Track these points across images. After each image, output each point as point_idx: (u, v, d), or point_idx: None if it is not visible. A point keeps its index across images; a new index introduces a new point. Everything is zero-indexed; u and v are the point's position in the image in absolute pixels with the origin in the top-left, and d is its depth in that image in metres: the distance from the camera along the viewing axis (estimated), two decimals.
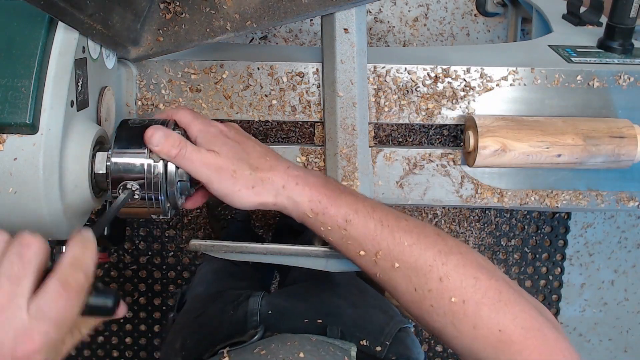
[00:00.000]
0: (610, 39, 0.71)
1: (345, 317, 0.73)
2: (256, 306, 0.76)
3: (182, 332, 0.79)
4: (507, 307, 0.44)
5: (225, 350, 0.61)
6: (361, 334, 0.71)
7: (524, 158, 0.62)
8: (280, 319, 0.73)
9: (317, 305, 0.76)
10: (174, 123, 0.53)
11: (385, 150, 0.69)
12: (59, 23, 0.48)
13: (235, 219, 1.64)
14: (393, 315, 0.77)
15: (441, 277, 0.46)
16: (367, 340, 0.70)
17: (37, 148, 0.47)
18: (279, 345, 0.58)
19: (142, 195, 0.51)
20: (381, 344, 0.71)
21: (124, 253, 1.70)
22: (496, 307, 0.44)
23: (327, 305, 0.76)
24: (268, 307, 0.76)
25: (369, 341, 0.70)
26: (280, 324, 0.71)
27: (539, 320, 0.44)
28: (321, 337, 0.63)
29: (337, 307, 0.76)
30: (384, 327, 0.73)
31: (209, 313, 0.80)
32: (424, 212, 1.70)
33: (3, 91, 0.46)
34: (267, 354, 0.57)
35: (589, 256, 1.74)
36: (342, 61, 0.61)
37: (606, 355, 1.80)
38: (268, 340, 0.63)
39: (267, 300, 0.77)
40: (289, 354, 0.56)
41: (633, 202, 0.70)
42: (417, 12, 1.65)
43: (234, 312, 0.76)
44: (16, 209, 0.48)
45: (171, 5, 0.60)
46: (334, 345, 0.61)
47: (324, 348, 0.59)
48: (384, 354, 0.70)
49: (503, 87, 0.67)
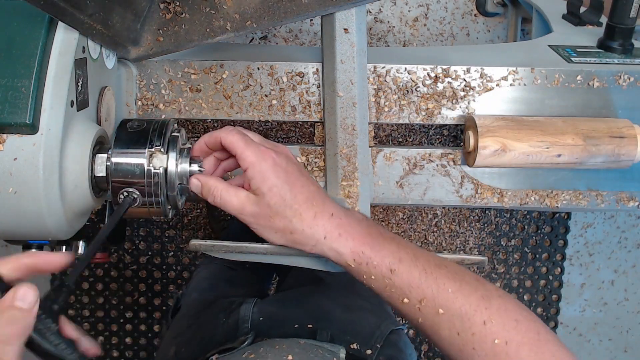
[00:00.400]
0: (610, 39, 0.71)
1: (335, 321, 0.73)
2: (248, 313, 0.76)
3: (175, 339, 0.79)
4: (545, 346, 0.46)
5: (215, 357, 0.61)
6: (352, 337, 0.71)
7: (524, 158, 0.62)
8: (271, 325, 0.73)
9: (307, 310, 0.76)
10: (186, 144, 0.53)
11: (385, 150, 0.69)
12: (59, 23, 0.48)
13: (235, 219, 1.63)
14: (385, 317, 0.77)
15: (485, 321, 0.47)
16: (358, 343, 0.70)
17: (37, 148, 0.47)
18: (268, 349, 0.58)
19: (144, 201, 0.51)
20: (372, 346, 0.71)
21: (124, 253, 1.70)
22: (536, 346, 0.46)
23: (318, 310, 0.76)
24: (260, 314, 0.76)
25: (360, 344, 0.70)
26: (271, 330, 0.71)
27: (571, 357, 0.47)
28: (310, 340, 0.63)
29: (328, 311, 0.76)
30: (374, 330, 0.74)
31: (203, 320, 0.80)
32: (424, 212, 1.70)
33: (3, 91, 0.46)
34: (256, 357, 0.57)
35: (589, 256, 1.74)
36: (342, 61, 0.61)
37: (606, 355, 1.80)
38: (257, 344, 0.63)
39: (259, 307, 0.77)
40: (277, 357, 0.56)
41: (633, 202, 0.70)
42: (417, 12, 1.65)
43: (226, 320, 0.76)
44: (16, 209, 0.48)
45: (171, 5, 0.60)
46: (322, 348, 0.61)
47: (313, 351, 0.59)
48: (375, 357, 0.70)
49: (503, 87, 0.67)
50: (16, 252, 0.45)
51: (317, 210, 0.51)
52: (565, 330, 1.78)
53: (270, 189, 0.50)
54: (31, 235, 0.51)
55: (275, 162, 0.50)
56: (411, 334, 1.76)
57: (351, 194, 0.64)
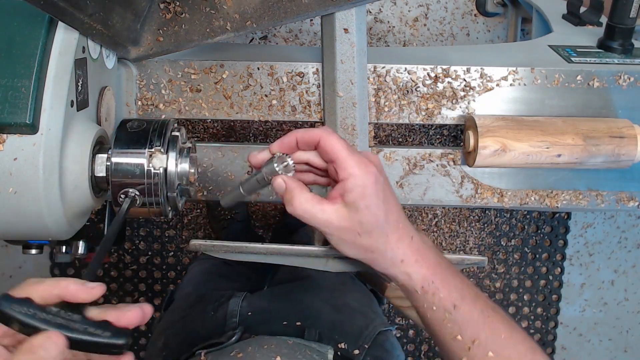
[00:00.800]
0: (610, 39, 0.71)
1: (324, 320, 0.73)
2: (236, 307, 0.75)
3: (165, 331, 0.79)
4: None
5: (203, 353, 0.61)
6: (340, 337, 0.71)
7: (524, 158, 0.62)
8: (260, 320, 0.73)
9: (297, 308, 0.76)
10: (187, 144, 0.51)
11: (385, 150, 0.69)
12: (59, 23, 0.48)
13: (235, 219, 1.64)
14: (374, 318, 0.78)
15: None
16: (346, 343, 0.70)
17: (37, 148, 0.47)
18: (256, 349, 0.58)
19: (144, 201, 0.51)
20: (359, 347, 0.71)
21: (124, 253, 1.70)
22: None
23: (308, 308, 0.76)
24: (248, 308, 0.76)
25: (348, 344, 0.70)
26: (259, 326, 0.71)
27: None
28: (298, 339, 0.63)
29: (317, 310, 0.76)
30: (363, 330, 0.74)
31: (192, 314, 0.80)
32: (424, 212, 1.70)
33: (3, 91, 0.46)
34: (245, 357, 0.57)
35: (589, 256, 1.74)
36: (342, 61, 0.61)
37: (606, 355, 1.80)
38: (245, 342, 0.63)
39: (248, 301, 0.77)
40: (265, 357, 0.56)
41: (633, 202, 0.70)
42: (417, 12, 1.65)
43: (215, 313, 0.76)
44: (16, 209, 0.48)
45: (171, 5, 0.60)
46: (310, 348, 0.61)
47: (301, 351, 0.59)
48: (362, 357, 0.70)
49: (503, 87, 0.67)
50: (16, 252, 0.45)
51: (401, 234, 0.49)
52: (565, 330, 1.78)
53: (368, 207, 0.47)
54: (31, 235, 0.51)
55: (377, 179, 0.47)
56: (411, 334, 1.76)
57: None
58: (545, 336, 1.78)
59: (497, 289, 1.73)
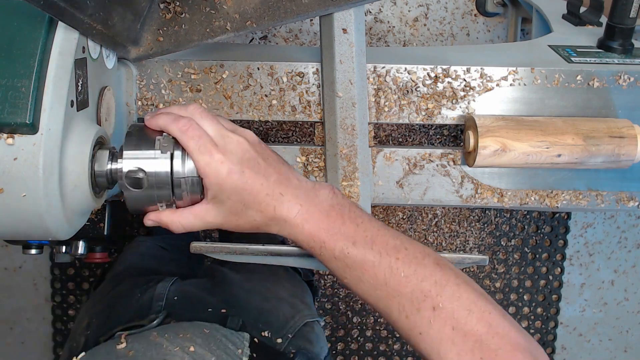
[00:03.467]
0: (610, 39, 0.71)
1: (250, 309, 0.74)
2: (163, 291, 0.75)
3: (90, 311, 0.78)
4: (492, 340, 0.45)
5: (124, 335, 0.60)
6: (264, 326, 0.71)
7: (524, 158, 0.62)
8: (185, 306, 0.73)
9: (224, 295, 0.76)
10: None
11: (385, 150, 0.69)
12: (59, 23, 0.48)
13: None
14: (302, 309, 0.78)
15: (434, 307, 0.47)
16: (270, 332, 0.71)
17: (37, 148, 0.47)
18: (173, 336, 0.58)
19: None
20: (283, 336, 0.71)
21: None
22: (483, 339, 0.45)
23: (234, 296, 0.76)
24: (176, 293, 0.75)
25: (271, 333, 0.71)
26: (184, 311, 0.71)
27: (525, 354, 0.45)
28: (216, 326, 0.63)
29: (244, 299, 0.76)
30: (288, 320, 0.74)
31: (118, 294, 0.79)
32: (424, 212, 1.70)
33: (3, 91, 0.46)
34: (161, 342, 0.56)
35: (589, 256, 1.74)
36: (341, 61, 0.61)
37: (606, 355, 1.80)
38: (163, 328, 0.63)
39: (176, 286, 0.77)
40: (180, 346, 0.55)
41: (633, 202, 0.70)
42: (417, 12, 1.65)
43: (141, 296, 0.75)
44: (16, 209, 0.48)
45: (171, 5, 0.60)
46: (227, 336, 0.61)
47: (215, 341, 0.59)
48: (284, 347, 0.70)
49: (503, 87, 0.67)
50: (16, 252, 0.45)
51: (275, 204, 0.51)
52: (565, 330, 1.78)
53: (230, 197, 0.49)
54: (31, 235, 0.51)
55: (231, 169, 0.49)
56: None
57: (351, 194, 0.64)
58: (545, 336, 1.78)
59: (497, 289, 1.73)
